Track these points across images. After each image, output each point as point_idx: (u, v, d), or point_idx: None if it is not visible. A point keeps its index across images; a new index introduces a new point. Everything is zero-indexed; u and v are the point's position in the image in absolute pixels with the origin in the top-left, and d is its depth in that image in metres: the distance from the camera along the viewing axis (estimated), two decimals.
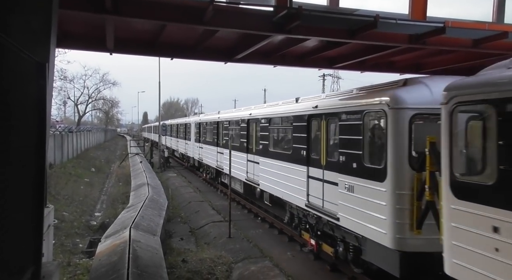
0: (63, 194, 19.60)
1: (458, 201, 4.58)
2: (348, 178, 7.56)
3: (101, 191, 25.16)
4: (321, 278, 8.82)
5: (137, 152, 38.79)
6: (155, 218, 12.73)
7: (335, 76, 64.32)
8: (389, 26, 7.72)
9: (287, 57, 10.98)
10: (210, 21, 7.24)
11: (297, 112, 10.16)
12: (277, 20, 7.37)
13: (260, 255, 10.40)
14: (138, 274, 7.41)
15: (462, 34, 8.43)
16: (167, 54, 10.45)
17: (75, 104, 64.35)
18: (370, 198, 6.89)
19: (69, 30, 8.87)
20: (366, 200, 6.99)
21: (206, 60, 11.07)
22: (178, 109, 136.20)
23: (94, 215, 18.47)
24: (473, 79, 4.79)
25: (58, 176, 23.46)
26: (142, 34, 9.17)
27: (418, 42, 8.37)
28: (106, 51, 9.77)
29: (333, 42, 9.24)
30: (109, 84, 64.78)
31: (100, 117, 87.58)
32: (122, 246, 9.12)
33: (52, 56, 5.76)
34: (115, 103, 72.70)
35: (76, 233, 14.36)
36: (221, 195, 19.64)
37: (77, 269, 10.06)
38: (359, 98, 7.62)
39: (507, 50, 8.95)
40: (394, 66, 12.18)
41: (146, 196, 15.59)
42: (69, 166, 28.87)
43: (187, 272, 9.46)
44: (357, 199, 7.26)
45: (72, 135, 35.00)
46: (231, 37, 9.18)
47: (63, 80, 52.73)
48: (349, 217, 7.54)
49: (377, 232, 6.71)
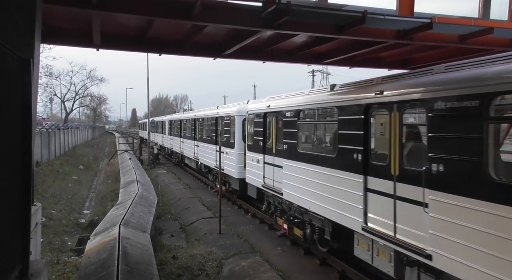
0: (51, 192, 19.37)
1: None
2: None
3: (90, 188, 24.93)
4: (310, 272, 8.90)
5: (126, 149, 38.45)
6: (145, 215, 12.67)
7: (324, 72, 64.61)
8: (377, 21, 7.76)
9: (276, 53, 10.96)
10: (198, 16, 7.18)
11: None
12: (266, 16, 7.34)
13: (250, 250, 10.44)
14: (128, 271, 7.38)
15: (448, 30, 8.52)
16: (155, 50, 10.34)
17: (61, 101, 63.51)
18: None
19: (54, 25, 8.71)
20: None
21: (195, 56, 10.98)
22: (167, 105, 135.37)
23: (83, 212, 18.30)
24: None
25: (45, 174, 23.17)
26: (129, 29, 9.05)
27: (406, 37, 8.43)
28: (92, 47, 9.62)
29: (321, 38, 9.25)
30: (96, 81, 64.26)
31: (88, 114, 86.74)
32: (111, 243, 9.06)
33: (36, 51, 5.66)
34: (103, 100, 72.01)
35: (64, 231, 14.22)
36: (211, 191, 19.62)
37: (65, 267, 9.98)
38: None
39: (492, 46, 9.08)
40: (382, 62, 12.27)
41: (135, 193, 15.49)
42: (56, 164, 28.51)
43: (178, 268, 9.46)
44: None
45: (59, 132, 34.53)
46: (219, 33, 9.13)
47: (49, 77, 52.13)
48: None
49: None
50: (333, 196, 7.80)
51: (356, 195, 7.05)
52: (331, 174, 7.89)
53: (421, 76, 6.01)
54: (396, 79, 6.65)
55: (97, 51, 10.03)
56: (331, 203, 7.90)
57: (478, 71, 5.01)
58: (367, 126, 6.89)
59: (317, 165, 8.43)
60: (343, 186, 7.46)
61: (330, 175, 7.93)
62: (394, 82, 6.58)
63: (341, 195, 7.50)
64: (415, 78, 6.11)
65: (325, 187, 8.06)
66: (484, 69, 4.94)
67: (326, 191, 8.04)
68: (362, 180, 6.88)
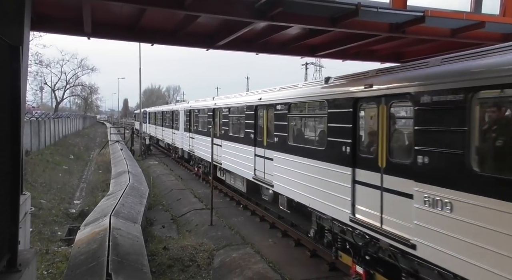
0: (41, 182, 19.22)
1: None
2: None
3: (80, 178, 24.76)
4: (301, 264, 8.99)
5: (117, 140, 38.21)
6: (136, 206, 12.66)
7: (317, 65, 64.58)
8: (370, 14, 7.76)
9: (270, 45, 10.93)
10: (190, 6, 7.12)
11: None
12: (259, 7, 7.30)
13: (241, 242, 10.49)
14: (118, 262, 7.38)
15: (440, 24, 8.55)
16: (147, 40, 10.24)
17: (52, 90, 62.65)
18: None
19: (44, 12, 8.56)
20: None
21: (188, 47, 10.91)
22: (160, 96, 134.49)
23: (73, 202, 18.20)
24: None
25: (35, 163, 22.95)
26: (121, 18, 8.94)
27: (398, 31, 8.45)
28: (83, 36, 9.48)
29: (315, 30, 9.23)
30: (87, 70, 63.41)
31: (79, 103, 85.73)
32: (102, 233, 9.05)
33: (26, 39, 5.58)
34: (94, 89, 71.11)
35: (54, 221, 14.14)
36: (203, 183, 19.62)
37: (55, 257, 9.94)
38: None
39: (484, 40, 9.14)
40: (374, 55, 12.30)
41: (126, 183, 15.44)
42: (46, 153, 28.23)
43: (169, 259, 9.49)
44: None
45: (49, 122, 34.12)
46: (212, 23, 9.06)
47: (39, 65, 51.26)
48: None
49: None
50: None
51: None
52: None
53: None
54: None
55: (88, 40, 9.90)
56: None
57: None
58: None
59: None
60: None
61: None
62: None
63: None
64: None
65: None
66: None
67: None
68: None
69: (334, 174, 7.41)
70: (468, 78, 4.76)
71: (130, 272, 7.22)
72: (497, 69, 4.51)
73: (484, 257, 4.44)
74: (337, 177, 7.31)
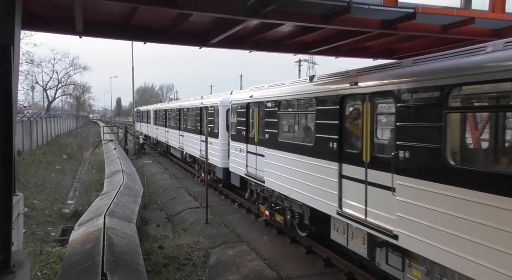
0: (33, 182, 19.07)
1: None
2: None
3: (74, 178, 24.61)
4: (296, 260, 9.03)
5: (110, 139, 38.01)
6: (131, 205, 12.61)
7: (310, 62, 64.69)
8: (362, 11, 7.77)
9: (263, 42, 10.91)
10: (182, 5, 7.08)
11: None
12: (252, 4, 7.28)
13: (237, 239, 10.52)
14: (113, 261, 7.36)
15: (431, 20, 8.59)
16: (139, 38, 10.17)
17: (44, 89, 62.19)
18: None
19: (35, 10, 8.46)
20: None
21: (180, 45, 10.85)
22: (153, 95, 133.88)
23: (67, 203, 18.09)
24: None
25: (27, 163, 22.77)
26: (113, 16, 8.87)
27: (390, 27, 8.47)
28: (75, 34, 9.39)
29: (308, 28, 9.23)
30: (79, 69, 63.04)
31: (71, 103, 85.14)
32: (96, 233, 9.01)
33: (17, 38, 5.51)
34: (87, 88, 70.70)
35: (47, 221, 14.05)
36: (197, 181, 19.61)
37: (49, 257, 9.89)
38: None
39: (473, 36, 9.21)
40: (367, 52, 12.33)
41: (121, 183, 15.38)
42: (39, 153, 28.01)
43: (164, 258, 9.48)
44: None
45: (41, 121, 33.83)
46: (205, 21, 9.03)
47: (30, 64, 50.88)
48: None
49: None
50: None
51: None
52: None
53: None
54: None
55: (80, 38, 9.81)
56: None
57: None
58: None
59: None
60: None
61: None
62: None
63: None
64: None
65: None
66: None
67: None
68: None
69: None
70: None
71: (126, 271, 7.20)
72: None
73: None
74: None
